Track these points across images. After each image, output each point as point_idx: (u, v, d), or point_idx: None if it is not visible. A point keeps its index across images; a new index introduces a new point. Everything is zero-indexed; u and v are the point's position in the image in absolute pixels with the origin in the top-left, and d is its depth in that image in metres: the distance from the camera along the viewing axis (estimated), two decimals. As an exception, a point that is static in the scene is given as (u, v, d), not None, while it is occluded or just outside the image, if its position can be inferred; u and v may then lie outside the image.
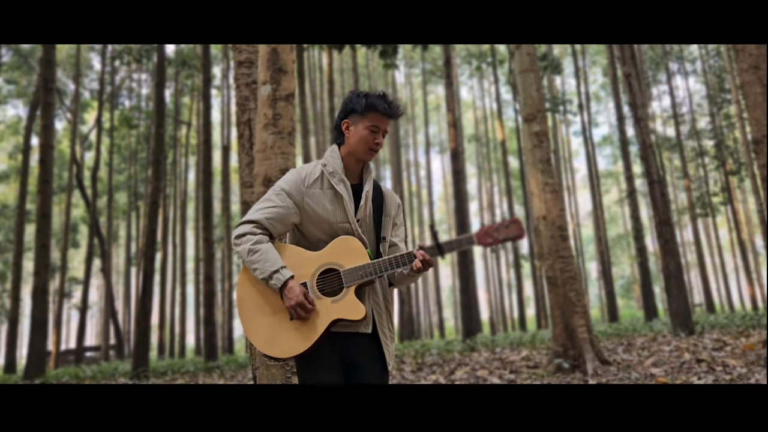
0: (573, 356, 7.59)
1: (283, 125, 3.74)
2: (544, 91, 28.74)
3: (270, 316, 2.19)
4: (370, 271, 2.17)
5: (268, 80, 3.80)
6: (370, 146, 2.27)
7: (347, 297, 2.16)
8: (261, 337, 2.19)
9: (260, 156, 3.76)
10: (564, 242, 7.60)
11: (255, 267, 2.17)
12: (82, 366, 20.10)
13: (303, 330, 2.14)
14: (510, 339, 14.81)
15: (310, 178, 2.28)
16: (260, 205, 2.28)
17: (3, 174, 37.18)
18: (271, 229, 2.25)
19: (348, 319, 2.15)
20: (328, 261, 2.20)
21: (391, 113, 2.27)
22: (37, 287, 14.53)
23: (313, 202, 2.25)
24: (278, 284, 2.13)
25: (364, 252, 2.20)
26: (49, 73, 14.48)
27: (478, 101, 41.72)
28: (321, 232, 2.25)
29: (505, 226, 2.21)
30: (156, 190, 12.27)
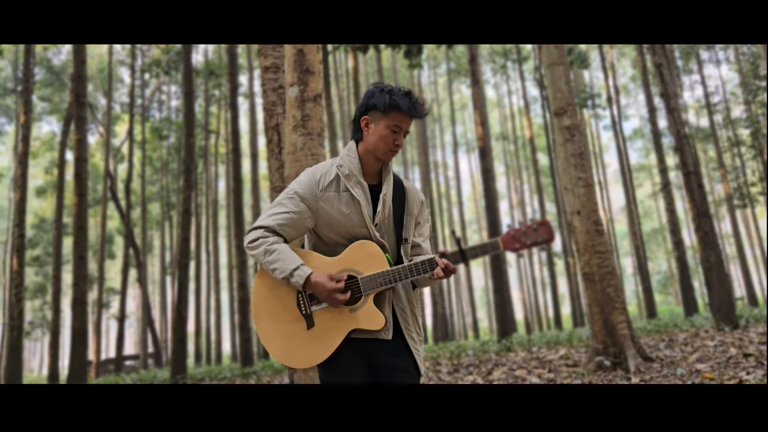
0: (614, 353, 7.40)
1: (312, 126, 3.71)
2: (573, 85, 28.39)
3: (287, 325, 2.11)
4: (389, 278, 2.07)
5: (295, 81, 3.78)
6: (390, 147, 2.14)
7: (366, 306, 2.07)
8: (278, 347, 2.11)
9: (290, 158, 3.73)
10: (600, 237, 7.43)
11: (274, 267, 2.07)
12: (121, 374, 20.45)
13: (321, 339, 2.07)
14: (546, 338, 14.58)
15: (325, 180, 2.16)
16: (272, 209, 2.16)
17: (40, 189, 38.12)
18: (283, 234, 2.15)
19: (365, 328, 2.07)
20: (346, 267, 2.10)
21: (416, 113, 2.13)
22: (76, 298, 14.83)
23: (328, 206, 2.13)
24: (300, 281, 2.03)
25: (383, 258, 2.10)
26: (81, 88, 14.78)
27: (504, 99, 41.37)
28: (338, 236, 2.15)
29: (534, 228, 2.09)
30: (187, 199, 12.41)
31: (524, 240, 2.09)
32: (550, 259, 26.85)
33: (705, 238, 10.83)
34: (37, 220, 39.20)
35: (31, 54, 20.81)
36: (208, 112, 28.23)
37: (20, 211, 21.85)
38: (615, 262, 7.46)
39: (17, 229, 22.09)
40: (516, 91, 38.47)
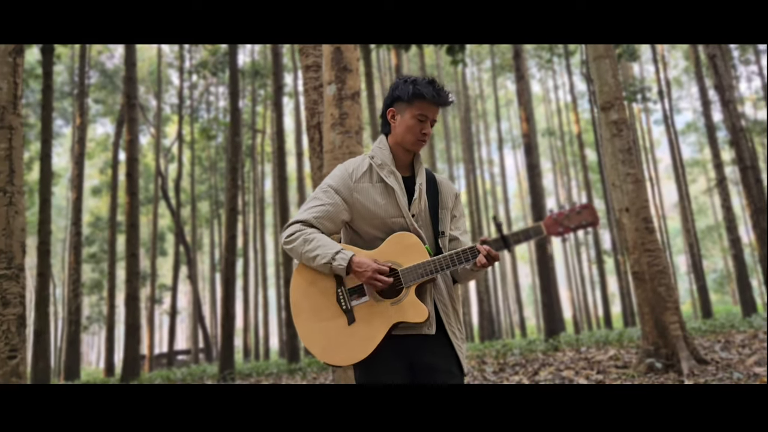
0: (666, 355, 7.15)
1: (350, 124, 3.69)
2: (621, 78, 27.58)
3: (327, 321, 2.04)
4: (430, 269, 2.01)
5: (333, 80, 3.76)
6: (418, 137, 2.12)
7: (408, 298, 2.01)
8: (319, 345, 2.04)
9: (329, 156, 3.72)
10: (650, 234, 7.18)
11: (315, 254, 2.02)
12: (173, 369, 21.00)
13: (363, 335, 2.00)
14: (595, 337, 14.24)
15: (358, 172, 2.14)
16: (308, 204, 2.15)
17: (96, 188, 39.53)
18: (320, 227, 2.11)
19: (408, 321, 2.00)
20: (386, 260, 2.04)
21: (440, 101, 2.12)
22: (129, 294, 15.29)
23: (363, 197, 2.10)
24: (344, 263, 1.98)
25: (423, 248, 2.04)
26: (131, 90, 15.21)
27: (550, 94, 40.61)
28: (374, 228, 2.10)
29: (577, 212, 2.03)
30: (233, 198, 12.61)
31: (567, 224, 2.03)
32: (599, 256, 26.22)
33: (763, 236, 10.37)
34: (93, 219, 40.68)
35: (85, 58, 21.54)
36: (255, 112, 28.67)
37: (77, 210, 22.70)
38: (666, 261, 7.20)
39: (74, 227, 22.97)
40: (562, 85, 37.69)
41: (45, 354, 12.20)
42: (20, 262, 6.17)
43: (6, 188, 6.21)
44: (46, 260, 11.88)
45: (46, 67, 12.80)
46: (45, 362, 12.15)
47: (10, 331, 5.92)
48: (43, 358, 12.06)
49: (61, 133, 40.17)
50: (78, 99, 22.96)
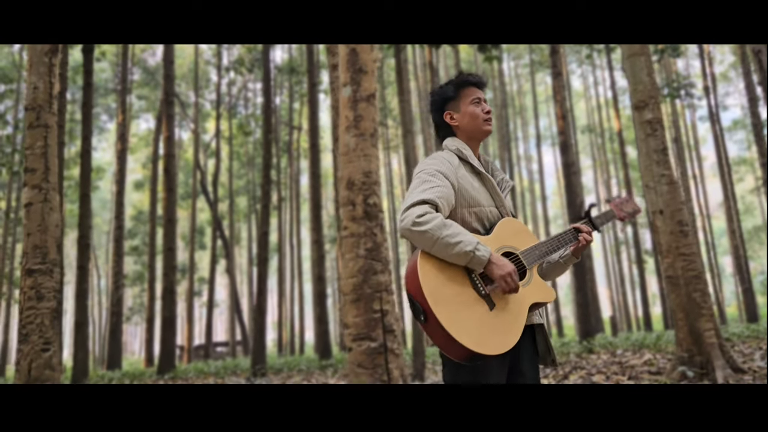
0: (700, 363, 6.92)
1: (365, 127, 3.65)
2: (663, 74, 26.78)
3: (471, 308, 1.90)
4: (547, 249, 2.09)
5: (348, 82, 3.73)
6: (483, 117, 2.19)
7: (534, 279, 2.04)
8: (471, 334, 1.86)
9: (344, 159, 3.69)
10: (685, 238, 6.95)
11: (458, 240, 1.87)
12: (208, 361, 21.39)
13: (507, 320, 1.93)
14: (632, 340, 13.90)
15: (454, 161, 2.13)
16: (423, 185, 2.00)
17: (138, 183, 40.49)
18: (443, 210, 1.98)
19: (543, 301, 2.03)
20: (503, 244, 2.05)
21: (477, 81, 2.22)
22: (166, 288, 15.63)
23: (466, 183, 2.10)
24: (486, 254, 1.89)
25: (530, 232, 2.11)
26: (169, 87, 15.50)
27: (591, 90, 39.77)
28: (472, 216, 2.08)
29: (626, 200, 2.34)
30: (266, 195, 12.73)
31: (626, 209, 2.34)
32: (639, 256, 25.60)
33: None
34: (136, 212, 41.69)
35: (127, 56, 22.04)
36: (292, 108, 28.90)
37: (118, 204, 23.28)
38: (711, 262, 6.96)
39: (116, 221, 23.57)
40: (603, 81, 36.86)
41: (84, 345, 12.55)
42: (54, 257, 6.35)
43: (41, 185, 6.39)
44: (85, 254, 12.21)
45: (87, 65, 13.15)
46: (84, 353, 12.50)
47: (44, 325, 6.10)
48: (82, 349, 12.42)
49: (105, 128, 41.24)
50: (120, 96, 23.51)
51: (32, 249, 6.15)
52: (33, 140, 6.39)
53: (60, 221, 6.51)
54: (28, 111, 6.47)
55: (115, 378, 14.18)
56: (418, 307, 1.87)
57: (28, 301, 6.03)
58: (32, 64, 6.53)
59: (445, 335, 1.83)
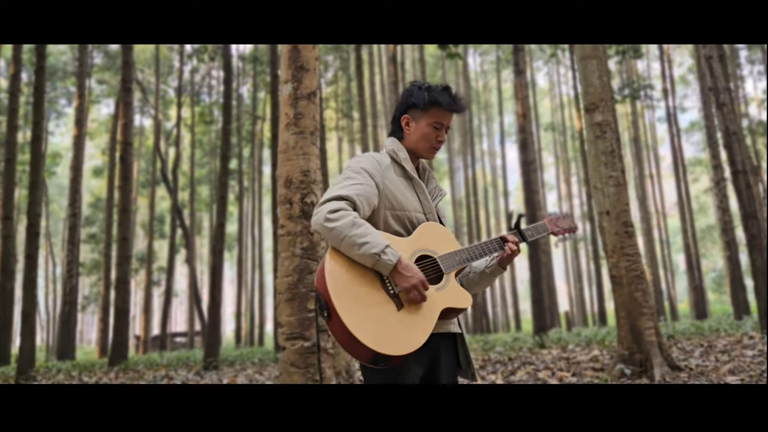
0: (639, 361, 7.12)
1: (305, 125, 3.64)
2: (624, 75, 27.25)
3: (376, 307, 1.86)
4: (467, 256, 2.04)
5: (289, 79, 3.71)
6: (433, 144, 2.11)
7: (451, 284, 1.98)
8: (372, 333, 1.82)
9: (282, 157, 3.68)
10: (630, 239, 7.13)
11: (365, 240, 1.83)
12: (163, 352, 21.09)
13: (414, 321, 1.87)
14: (583, 336, 14.22)
15: (384, 162, 2.07)
16: (344, 182, 1.96)
17: (98, 169, 39.57)
18: (360, 208, 1.93)
19: (457, 307, 1.97)
20: (421, 247, 2.00)
21: (456, 108, 2.10)
22: (119, 278, 15.33)
23: (392, 185, 2.05)
24: (393, 259, 1.83)
25: (453, 237, 2.07)
26: (127, 73, 15.15)
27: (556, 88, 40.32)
28: (395, 220, 2.02)
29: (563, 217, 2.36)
30: (224, 186, 12.58)
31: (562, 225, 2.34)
32: (596, 253, 26.15)
33: (752, 241, 10.30)
34: (94, 199, 40.75)
35: (85, 39, 21.42)
36: (256, 98, 28.57)
37: (73, 191, 22.72)
38: (644, 266, 7.16)
39: (70, 208, 23.01)
40: (567, 80, 37.43)
41: (31, 335, 12.22)
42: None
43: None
44: (34, 242, 11.88)
45: (39, 48, 12.75)
46: (31, 342, 12.18)
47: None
48: (29, 339, 12.10)
49: (64, 112, 40.12)
50: (78, 79, 22.90)
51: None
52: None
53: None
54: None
55: (63, 369, 13.89)
56: (323, 304, 1.84)
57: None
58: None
59: (347, 333, 1.79)
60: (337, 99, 30.07)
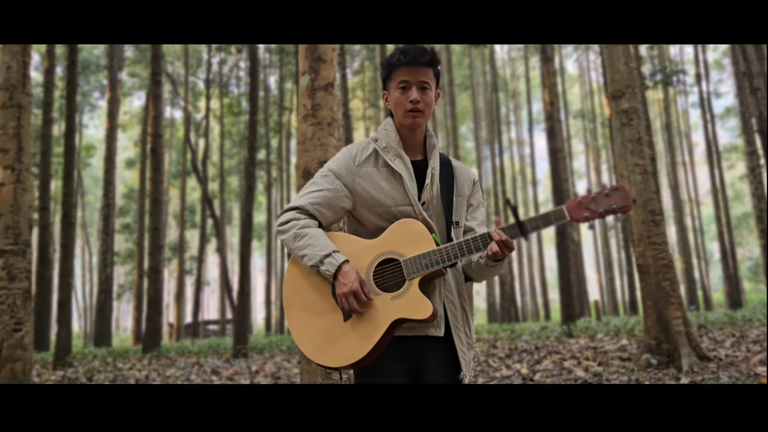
0: (667, 351, 7.04)
1: (323, 116, 3.67)
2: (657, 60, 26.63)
3: (321, 317, 1.86)
4: (436, 259, 1.79)
5: (306, 70, 3.74)
6: (406, 106, 1.90)
7: (410, 291, 1.79)
8: (311, 343, 1.85)
9: (300, 148, 3.72)
10: (657, 228, 7.02)
11: (303, 253, 1.85)
12: (194, 340, 21.51)
13: (359, 333, 1.80)
14: (612, 325, 14.07)
15: (362, 155, 1.95)
16: (306, 189, 1.97)
17: (131, 161, 40.34)
18: (318, 216, 1.92)
19: (412, 318, 1.78)
20: (387, 249, 1.85)
21: (409, 59, 1.89)
22: (152, 267, 15.66)
23: (367, 182, 1.91)
24: (331, 269, 1.80)
25: (429, 237, 1.83)
26: (157, 66, 15.38)
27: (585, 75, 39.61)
28: (378, 218, 1.91)
29: (606, 195, 1.76)
30: (251, 176, 12.73)
31: (595, 208, 1.76)
32: (627, 241, 25.76)
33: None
34: (128, 190, 41.59)
35: (116, 33, 21.78)
36: (283, 88, 28.74)
37: (107, 183, 23.23)
38: (671, 255, 7.04)
39: (104, 199, 23.54)
40: (597, 66, 36.74)
41: (67, 322, 12.61)
42: (27, 238, 6.37)
43: (14, 166, 6.38)
44: (69, 233, 12.22)
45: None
46: (67, 330, 12.56)
47: (16, 305, 6.14)
48: (65, 327, 12.48)
49: (98, 105, 40.94)
50: (110, 73, 23.33)
51: (4, 230, 6.17)
52: (5, 120, 6.37)
53: (32, 202, 6.51)
54: (1, 91, 6.44)
55: (98, 355, 14.29)
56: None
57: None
58: (5, 44, 6.48)
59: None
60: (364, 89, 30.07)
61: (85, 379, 9.24)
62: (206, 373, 9.43)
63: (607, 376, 6.83)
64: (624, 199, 1.74)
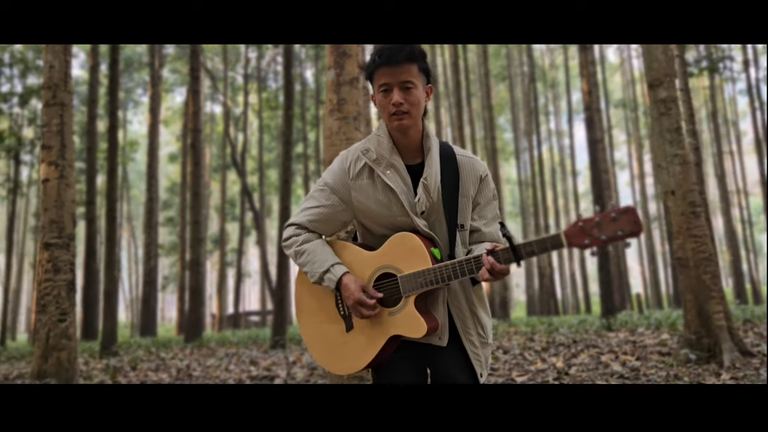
0: (708, 346, 6.86)
1: (348, 110, 3.70)
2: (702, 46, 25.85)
3: (325, 326, 1.92)
4: (430, 279, 1.77)
5: (332, 65, 3.77)
6: (389, 110, 1.82)
7: (406, 309, 1.80)
8: (318, 350, 1.93)
9: (327, 143, 3.76)
10: (697, 219, 6.84)
11: (305, 270, 1.91)
12: (236, 330, 21.93)
13: (360, 344, 1.86)
14: (653, 319, 13.77)
15: (355, 168, 1.90)
16: (305, 203, 1.98)
17: (173, 155, 41.26)
18: (316, 230, 1.96)
19: (406, 336, 1.81)
20: (385, 263, 1.85)
21: (386, 60, 1.79)
22: (192, 259, 16.03)
23: (363, 195, 1.88)
24: (332, 285, 1.84)
25: (425, 253, 1.79)
26: (195, 63, 15.67)
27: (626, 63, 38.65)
28: (382, 227, 1.90)
29: (612, 218, 1.59)
30: (287, 170, 12.88)
31: (597, 234, 1.60)
32: (670, 234, 25.13)
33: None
34: (170, 184, 42.56)
35: (157, 30, 22.27)
36: (320, 82, 28.91)
37: (149, 177, 23.81)
38: (713, 248, 6.85)
39: (147, 192, 24.15)
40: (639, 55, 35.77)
41: (113, 312, 13.01)
42: (70, 232, 6.60)
43: (58, 162, 6.62)
44: (113, 226, 12.59)
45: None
46: (113, 320, 12.97)
47: (61, 296, 6.39)
48: (111, 317, 12.88)
49: (141, 101, 41.98)
50: (151, 70, 23.87)
51: (49, 224, 6.41)
52: (49, 118, 6.60)
53: (75, 197, 6.73)
54: (45, 90, 6.67)
55: (143, 344, 14.70)
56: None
57: (45, 273, 6.31)
58: (48, 44, 6.71)
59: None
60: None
61: (129, 368, 9.54)
62: (244, 363, 9.62)
63: (645, 371, 6.70)
64: (632, 224, 1.58)
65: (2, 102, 17.50)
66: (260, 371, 8.53)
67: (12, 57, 20.16)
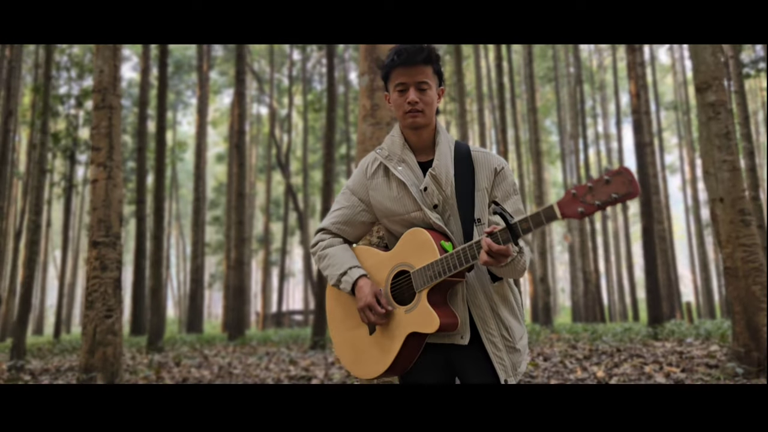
0: (757, 359, 6.60)
1: (381, 115, 3.71)
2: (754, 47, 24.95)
3: (352, 331, 1.95)
4: (438, 270, 1.74)
5: (366, 71, 3.78)
6: (404, 108, 1.86)
7: (420, 305, 1.78)
8: (347, 355, 1.96)
9: (360, 148, 3.78)
10: (746, 228, 6.59)
11: (326, 274, 1.96)
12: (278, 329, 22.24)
13: (382, 347, 1.86)
14: (703, 329, 13.31)
15: (372, 168, 1.98)
16: (332, 208, 2.07)
17: (220, 156, 42.15)
18: (341, 233, 2.01)
19: (420, 332, 1.78)
20: (400, 261, 1.85)
21: (404, 60, 1.84)
22: (236, 259, 16.33)
23: (378, 193, 1.93)
24: (348, 287, 1.88)
25: (433, 246, 1.77)
26: (240, 65, 15.97)
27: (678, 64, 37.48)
28: (397, 225, 1.93)
29: (605, 181, 1.49)
30: (329, 172, 12.99)
31: (591, 200, 1.51)
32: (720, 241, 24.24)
33: None
34: (218, 184, 43.48)
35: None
36: (364, 84, 29.08)
37: (197, 177, 24.39)
38: (763, 258, 6.58)
39: (195, 192, 24.74)
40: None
41: (159, 309, 13.37)
42: (117, 231, 6.81)
43: (106, 163, 6.84)
44: (160, 225, 12.94)
45: (162, 45, 13.76)
46: (159, 316, 13.32)
47: (107, 293, 6.60)
48: (157, 313, 13.24)
49: (190, 103, 43.04)
50: (199, 72, 24.45)
51: (97, 223, 6.63)
52: (98, 120, 6.83)
53: (122, 197, 6.95)
54: (95, 93, 6.91)
55: (188, 341, 15.06)
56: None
57: (93, 270, 6.53)
58: (98, 49, 6.94)
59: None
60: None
61: (173, 364, 9.79)
62: (284, 362, 9.75)
63: (690, 383, 6.48)
64: (626, 185, 1.46)
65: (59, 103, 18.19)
66: (298, 371, 8.63)
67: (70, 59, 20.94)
